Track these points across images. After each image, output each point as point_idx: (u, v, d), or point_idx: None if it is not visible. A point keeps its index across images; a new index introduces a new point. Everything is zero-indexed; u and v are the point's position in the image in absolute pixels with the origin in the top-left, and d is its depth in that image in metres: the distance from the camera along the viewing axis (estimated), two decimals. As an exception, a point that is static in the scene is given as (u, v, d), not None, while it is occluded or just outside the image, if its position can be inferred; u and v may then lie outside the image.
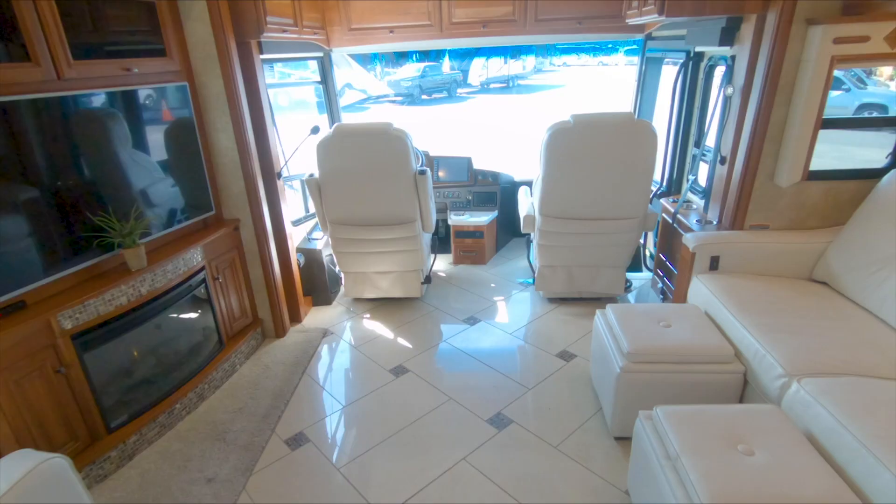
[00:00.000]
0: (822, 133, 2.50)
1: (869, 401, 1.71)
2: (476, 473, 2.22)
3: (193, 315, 2.83)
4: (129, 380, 2.45)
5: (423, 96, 20.62)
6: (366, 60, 20.92)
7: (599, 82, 22.13)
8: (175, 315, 2.68)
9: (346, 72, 5.96)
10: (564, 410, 2.58)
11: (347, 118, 4.50)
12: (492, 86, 23.94)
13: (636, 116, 4.21)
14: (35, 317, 1.97)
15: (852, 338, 2.08)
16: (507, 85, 23.88)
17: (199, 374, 2.76)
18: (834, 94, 6.90)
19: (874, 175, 2.53)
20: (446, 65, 22.66)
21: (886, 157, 2.62)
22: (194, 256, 2.71)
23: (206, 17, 2.59)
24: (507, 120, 14.44)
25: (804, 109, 2.42)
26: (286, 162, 3.28)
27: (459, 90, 22.14)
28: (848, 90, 7.63)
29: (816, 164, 2.59)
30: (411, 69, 20.86)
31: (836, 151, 2.88)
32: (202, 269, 2.78)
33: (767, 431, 1.69)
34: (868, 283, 2.29)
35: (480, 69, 23.13)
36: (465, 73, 23.18)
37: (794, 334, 2.10)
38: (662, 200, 3.57)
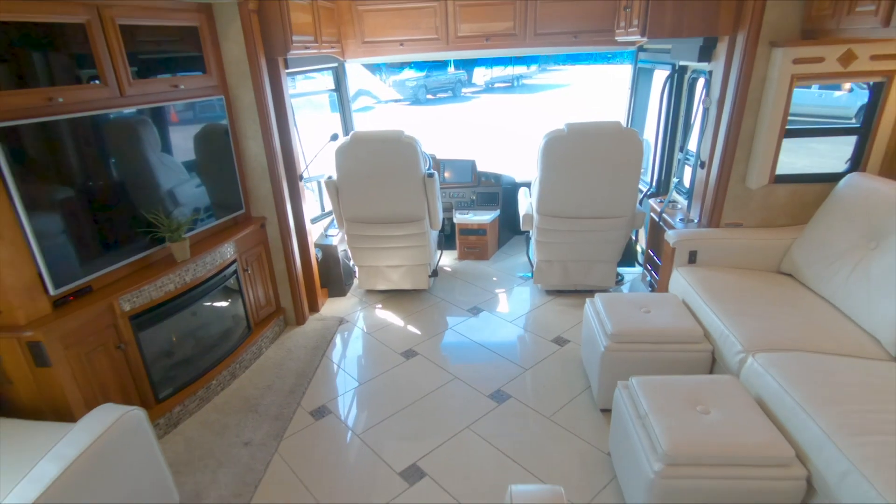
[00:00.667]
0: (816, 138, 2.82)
1: (809, 371, 2.02)
2: (479, 439, 2.55)
3: (226, 303, 3.17)
4: (174, 358, 2.78)
5: (428, 96, 20.90)
6: (370, 67, 21.19)
7: (604, 82, 22.35)
8: (211, 303, 3.02)
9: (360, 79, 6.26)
10: (557, 387, 2.91)
11: (355, 118, 4.81)
12: (496, 85, 24.22)
13: (629, 121, 4.55)
14: (100, 300, 2.31)
15: (805, 321, 2.40)
16: (512, 84, 24.15)
17: (231, 354, 3.10)
18: (836, 94, 7.17)
19: (834, 179, 2.83)
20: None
21: (846, 163, 2.92)
22: (228, 250, 3.04)
23: (241, 38, 2.92)
24: (511, 120, 14.71)
25: (769, 120, 2.73)
26: (307, 166, 3.61)
27: (464, 90, 22.41)
28: (851, 90, 7.87)
29: (802, 166, 2.90)
30: (411, 74, 21.11)
31: (838, 152, 3.12)
32: (234, 261, 3.12)
33: (724, 396, 2.01)
34: (824, 275, 2.60)
35: (485, 69, 23.44)
36: (470, 72, 23.50)
37: (755, 318, 2.41)
38: (651, 201, 3.88)
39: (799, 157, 3.06)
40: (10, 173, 1.92)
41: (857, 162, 2.87)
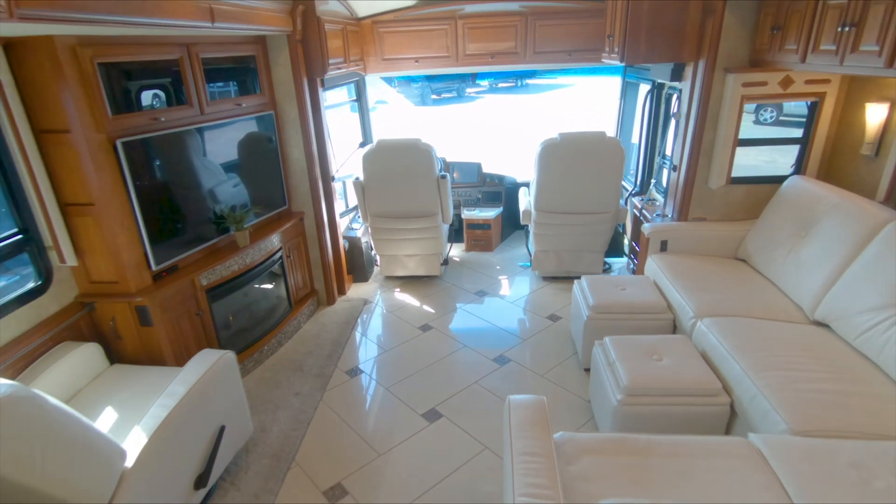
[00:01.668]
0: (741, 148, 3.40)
1: (741, 330, 2.61)
2: (485, 391, 3.15)
3: (272, 284, 3.77)
4: (235, 326, 3.39)
5: (433, 96, 21.44)
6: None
7: (604, 83, 22.84)
8: (261, 284, 3.62)
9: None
10: (549, 353, 3.50)
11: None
12: (500, 85, 24.71)
13: (619, 127, 5.13)
14: (185, 276, 2.92)
15: (747, 294, 2.98)
16: (516, 84, 24.63)
17: (277, 326, 3.70)
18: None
19: (781, 181, 3.41)
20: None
21: (791, 167, 3.50)
22: (275, 240, 3.65)
23: (288, 64, 3.53)
24: (514, 121, 15.26)
25: (725, 132, 3.31)
26: (338, 168, 4.21)
27: (468, 90, 22.92)
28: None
29: (758, 170, 3.48)
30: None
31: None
32: (280, 249, 3.72)
33: (675, 350, 2.60)
34: (768, 258, 3.18)
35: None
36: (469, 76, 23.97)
37: (707, 292, 3.00)
38: (634, 199, 4.47)
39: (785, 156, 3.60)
40: (130, 177, 2.53)
41: (800, 166, 3.44)
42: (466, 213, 5.25)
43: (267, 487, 2.49)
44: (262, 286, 3.67)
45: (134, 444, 1.93)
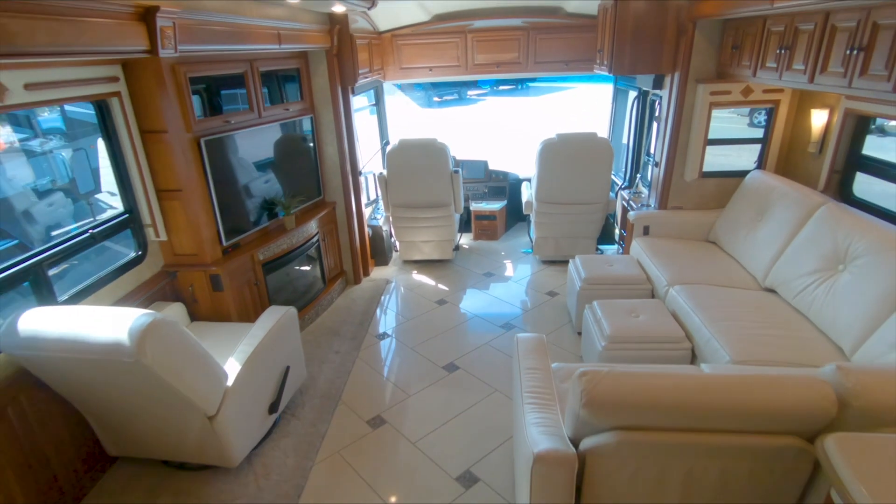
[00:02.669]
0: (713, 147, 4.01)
1: (704, 294, 3.21)
2: (494, 350, 3.76)
3: (310, 266, 4.37)
4: (282, 297, 3.98)
5: (436, 98, 22.03)
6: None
7: (604, 88, 23.43)
8: (300, 265, 4.22)
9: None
10: (548, 321, 4.11)
11: (365, 115, 5.98)
12: (501, 87, 25.32)
13: (611, 129, 5.74)
14: (246, 251, 3.52)
15: (712, 267, 3.59)
16: (516, 87, 25.22)
17: (313, 300, 4.31)
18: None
19: (745, 174, 4.01)
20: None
21: (754, 163, 4.10)
22: (313, 225, 4.25)
23: (325, 74, 4.14)
24: (516, 123, 15.85)
25: (696, 133, 3.92)
26: (364, 164, 4.82)
27: (470, 92, 23.51)
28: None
29: (731, 165, 4.10)
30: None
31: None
32: (317, 234, 4.33)
33: (651, 310, 3.21)
34: (731, 239, 3.79)
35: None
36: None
37: (679, 266, 3.60)
38: (623, 192, 5.07)
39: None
40: (209, 168, 3.14)
41: (762, 162, 4.04)
42: (474, 206, 5.86)
43: (321, 418, 3.10)
44: (302, 267, 4.28)
45: (231, 370, 2.54)
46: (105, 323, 2.07)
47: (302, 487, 2.61)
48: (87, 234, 2.73)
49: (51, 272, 2.55)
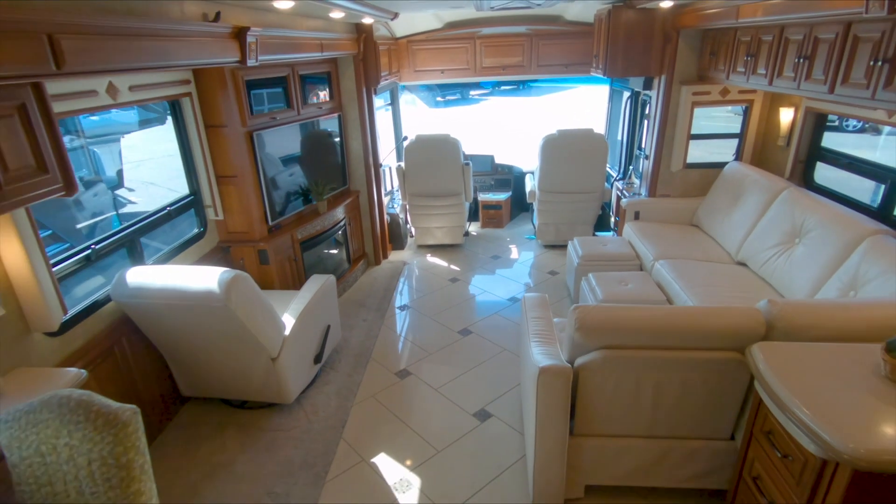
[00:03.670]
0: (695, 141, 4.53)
1: (684, 267, 3.73)
2: (502, 318, 4.28)
3: (336, 248, 4.91)
4: (315, 272, 4.51)
5: (438, 98, 22.54)
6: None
7: (603, 89, 23.93)
8: (328, 249, 4.75)
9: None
10: (549, 295, 4.55)
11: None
12: (503, 88, 25.85)
13: (607, 127, 6.27)
14: (287, 231, 4.05)
15: (693, 245, 4.11)
16: (518, 87, 25.74)
17: (341, 277, 4.84)
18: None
19: (724, 165, 4.53)
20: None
21: (732, 155, 4.62)
22: (340, 211, 4.78)
23: (353, 77, 4.67)
24: (518, 123, 16.38)
25: (680, 129, 4.44)
26: (384, 158, 5.35)
27: (472, 92, 24.04)
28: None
29: (710, 157, 4.62)
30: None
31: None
32: (343, 219, 4.86)
33: (638, 280, 3.73)
34: (711, 222, 4.32)
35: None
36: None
37: (664, 244, 4.12)
38: (618, 183, 5.60)
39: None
40: (260, 157, 3.67)
41: (739, 154, 4.56)
42: (481, 197, 6.39)
43: (356, 371, 3.63)
44: (331, 249, 4.81)
45: (287, 322, 3.07)
46: (198, 277, 2.60)
47: (345, 421, 3.14)
48: (165, 211, 3.26)
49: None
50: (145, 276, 2.67)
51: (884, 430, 1.54)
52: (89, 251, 2.64)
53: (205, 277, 2.58)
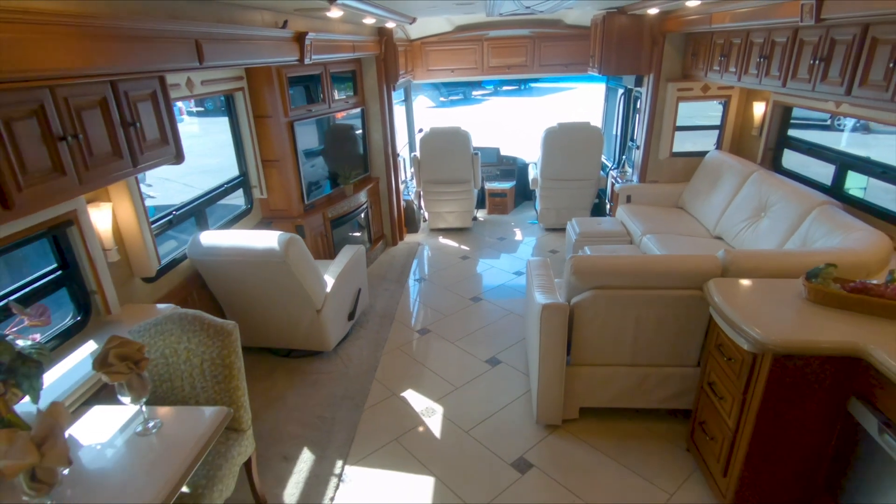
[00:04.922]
0: (681, 133, 5.08)
1: (669, 241, 4.28)
2: (508, 288, 4.84)
3: (359, 231, 5.46)
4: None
5: (441, 98, 23.11)
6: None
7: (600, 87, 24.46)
8: (352, 231, 5.30)
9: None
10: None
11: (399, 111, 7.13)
12: (504, 88, 26.43)
13: (604, 120, 6.82)
14: (319, 210, 4.60)
15: (676, 223, 4.66)
16: (519, 87, 26.31)
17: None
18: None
19: (706, 154, 5.07)
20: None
21: (713, 145, 5.17)
22: (363, 196, 5.34)
23: (375, 75, 5.23)
24: (519, 123, 16.93)
25: (667, 122, 5.00)
26: (401, 148, 5.91)
27: (474, 93, 24.62)
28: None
29: (689, 147, 5.18)
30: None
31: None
32: (366, 202, 5.41)
33: (628, 251, 4.28)
34: (693, 204, 4.87)
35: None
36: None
37: (651, 222, 4.67)
38: (612, 172, 6.15)
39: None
40: (298, 145, 4.22)
41: (719, 144, 5.11)
42: (488, 185, 6.95)
43: (383, 328, 4.18)
44: (354, 231, 5.36)
45: (328, 281, 3.62)
46: (261, 238, 3.16)
47: (376, 367, 3.70)
48: (223, 188, 3.81)
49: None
50: (216, 237, 3.23)
51: (796, 328, 2.10)
52: (171, 216, 3.20)
53: (266, 238, 3.14)
